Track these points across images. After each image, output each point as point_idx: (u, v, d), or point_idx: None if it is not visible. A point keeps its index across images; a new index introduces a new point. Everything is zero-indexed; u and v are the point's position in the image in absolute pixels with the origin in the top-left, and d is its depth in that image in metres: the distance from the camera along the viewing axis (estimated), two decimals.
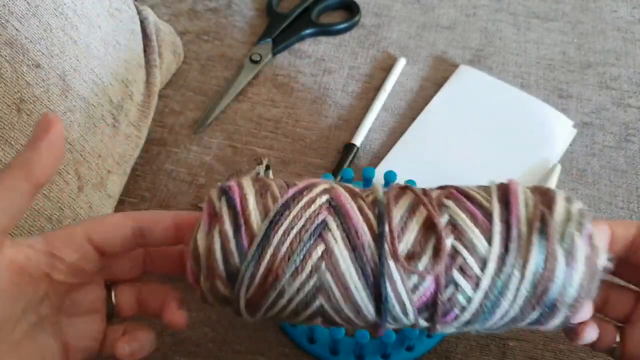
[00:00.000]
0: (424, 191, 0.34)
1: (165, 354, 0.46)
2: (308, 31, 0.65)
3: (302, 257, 0.31)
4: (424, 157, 0.55)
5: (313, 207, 0.32)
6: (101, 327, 0.36)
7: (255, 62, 0.62)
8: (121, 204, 0.53)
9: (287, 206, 0.32)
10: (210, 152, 0.56)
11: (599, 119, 0.59)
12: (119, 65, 0.50)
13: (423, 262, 0.31)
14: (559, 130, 0.57)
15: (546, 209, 0.32)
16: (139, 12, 0.56)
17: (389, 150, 0.56)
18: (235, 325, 0.47)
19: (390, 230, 0.31)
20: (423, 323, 0.33)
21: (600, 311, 0.39)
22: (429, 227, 0.32)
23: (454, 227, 0.32)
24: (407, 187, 0.34)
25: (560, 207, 0.32)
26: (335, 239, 0.31)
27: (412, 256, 0.31)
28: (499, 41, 0.65)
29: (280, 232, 0.31)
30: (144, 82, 0.55)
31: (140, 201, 0.53)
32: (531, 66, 0.63)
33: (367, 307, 0.32)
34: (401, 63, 0.62)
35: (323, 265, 0.31)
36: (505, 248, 0.31)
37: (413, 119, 0.58)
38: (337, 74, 0.62)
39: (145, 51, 0.56)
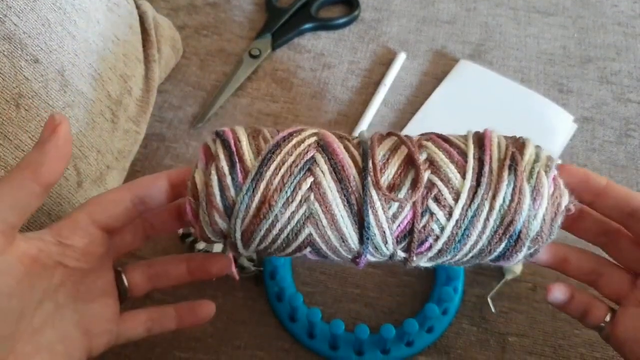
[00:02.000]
0: (406, 136, 0.37)
1: (165, 349, 0.46)
2: (307, 26, 0.64)
3: (292, 188, 0.34)
4: None
5: (302, 146, 0.35)
6: (115, 309, 0.38)
7: (255, 57, 0.62)
8: None
9: (278, 145, 0.35)
10: None
11: (600, 114, 0.59)
12: (117, 60, 0.50)
13: (402, 192, 0.34)
14: (559, 125, 0.57)
15: (517, 150, 0.35)
16: (137, 7, 0.56)
17: None
18: (235, 321, 0.47)
19: (374, 164, 0.34)
20: (400, 253, 0.36)
21: (593, 285, 0.40)
22: (409, 163, 0.35)
23: (431, 163, 0.35)
24: (390, 133, 0.37)
25: (530, 149, 0.36)
26: (322, 172, 0.34)
27: (393, 187, 0.34)
28: (499, 36, 0.65)
29: (272, 167, 0.34)
30: (143, 77, 0.55)
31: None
32: (531, 61, 0.63)
33: (352, 235, 0.35)
34: (401, 58, 0.62)
35: (312, 195, 0.34)
36: (477, 182, 0.34)
37: (413, 113, 0.58)
38: (337, 69, 0.62)
39: (144, 46, 0.56)
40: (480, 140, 0.36)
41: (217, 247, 0.48)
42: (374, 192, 0.34)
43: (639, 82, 0.61)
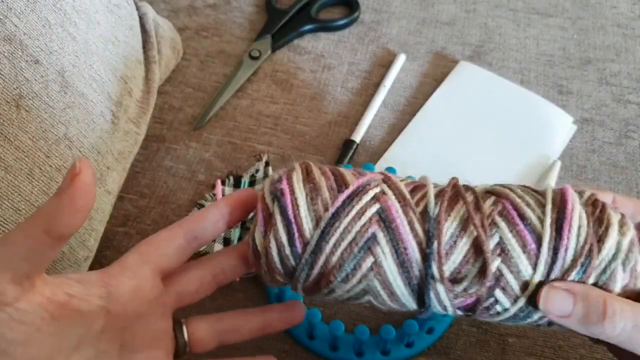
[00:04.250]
0: (477, 203, 0.34)
1: None
2: (307, 27, 0.64)
3: (352, 267, 0.33)
4: (424, 154, 0.55)
5: (363, 220, 0.33)
6: None
7: (255, 59, 0.62)
8: (120, 201, 0.53)
9: (337, 217, 0.33)
10: (209, 149, 0.56)
11: (599, 115, 0.59)
12: (117, 62, 0.50)
13: (466, 284, 0.33)
14: (559, 127, 0.57)
15: (596, 242, 0.32)
16: (137, 8, 0.56)
17: (388, 147, 0.56)
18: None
19: (439, 253, 0.32)
20: (461, 314, 0.35)
21: None
22: (477, 249, 0.33)
23: (502, 250, 0.32)
24: (459, 195, 0.34)
25: (611, 241, 0.32)
26: (384, 253, 0.33)
27: (457, 277, 0.33)
28: (498, 37, 0.65)
29: (331, 243, 0.33)
30: (143, 79, 0.55)
31: (139, 197, 0.53)
32: (531, 62, 0.63)
33: (411, 305, 0.34)
34: (401, 59, 0.62)
35: (371, 274, 0.33)
36: (547, 275, 0.32)
37: (413, 115, 0.58)
38: (337, 70, 0.62)
39: (144, 47, 0.56)
40: (559, 218, 0.33)
41: (217, 247, 0.48)
42: (437, 283, 0.33)
43: (638, 84, 0.61)
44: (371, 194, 0.34)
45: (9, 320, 0.28)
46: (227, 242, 0.49)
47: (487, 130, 0.57)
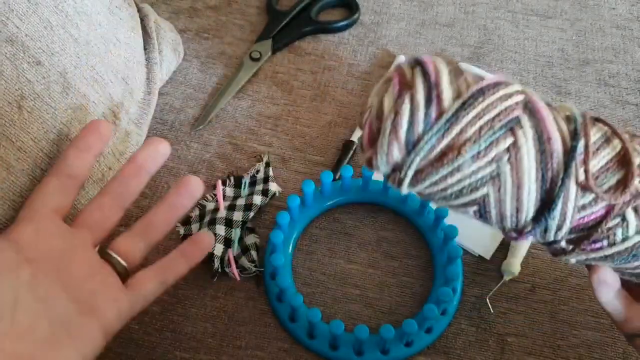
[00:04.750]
0: (614, 129, 0.33)
1: (165, 350, 0.46)
2: (308, 29, 0.65)
3: (488, 143, 0.31)
4: None
5: (509, 102, 0.31)
6: (113, 279, 0.37)
7: (255, 60, 0.62)
8: None
9: (482, 92, 0.31)
10: (210, 149, 0.57)
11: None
12: (119, 63, 0.51)
13: (604, 188, 0.31)
14: None
15: None
16: (139, 10, 0.56)
17: None
18: (235, 321, 0.47)
19: (587, 147, 0.31)
20: (564, 244, 0.33)
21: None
22: (621, 161, 0.31)
23: None
24: (601, 120, 0.33)
25: None
26: (525, 136, 0.31)
27: (597, 180, 0.31)
28: (497, 38, 0.65)
29: (472, 114, 0.30)
30: (145, 80, 0.55)
31: (141, 198, 0.54)
32: (530, 63, 0.63)
33: (529, 211, 0.32)
34: (400, 60, 0.63)
35: (506, 157, 0.31)
36: None
37: None
38: (337, 72, 0.63)
39: (145, 49, 0.56)
40: None
41: (219, 247, 0.48)
42: (573, 178, 0.31)
43: (636, 85, 0.61)
44: (516, 87, 0.32)
45: None
46: (227, 242, 0.49)
47: None
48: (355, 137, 0.56)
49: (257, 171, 0.54)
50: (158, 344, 0.46)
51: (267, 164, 0.55)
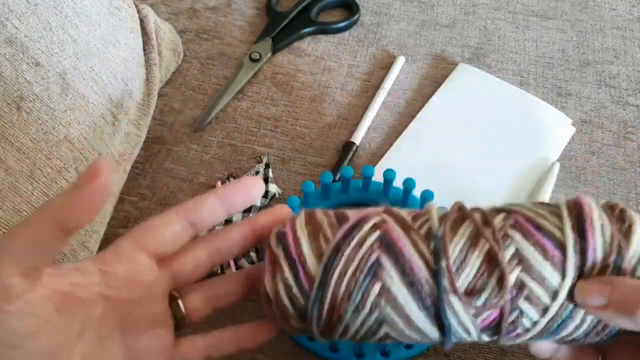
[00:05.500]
0: (485, 219, 0.33)
1: None
2: (307, 30, 0.65)
3: (360, 296, 0.32)
4: (423, 155, 0.55)
5: (364, 247, 0.33)
6: (168, 339, 0.36)
7: (255, 61, 0.62)
8: (121, 202, 0.53)
9: (338, 248, 0.33)
10: (210, 151, 0.57)
11: (598, 117, 0.59)
12: (118, 64, 0.50)
13: (485, 294, 0.31)
14: (558, 129, 0.57)
15: (624, 240, 0.31)
16: (138, 11, 0.56)
17: (388, 149, 0.56)
18: (234, 323, 0.47)
19: (448, 268, 0.31)
20: (486, 339, 0.34)
21: None
22: (492, 261, 0.31)
23: (521, 260, 0.31)
24: (466, 215, 0.33)
25: (637, 237, 0.31)
26: (390, 277, 0.32)
27: (473, 289, 0.31)
28: (498, 39, 0.65)
29: (336, 274, 0.32)
30: (144, 81, 0.55)
31: (140, 199, 0.54)
32: (530, 64, 0.63)
33: (431, 331, 0.33)
34: (400, 61, 0.63)
35: (382, 301, 0.32)
36: (578, 278, 0.31)
37: (412, 117, 0.59)
38: (337, 73, 0.62)
39: (144, 50, 0.56)
40: (579, 223, 0.32)
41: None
42: (452, 298, 0.31)
43: (637, 85, 0.61)
44: (371, 222, 0.34)
45: (20, 314, 0.28)
46: None
47: (486, 132, 0.57)
48: (355, 138, 0.56)
49: (257, 172, 0.54)
50: None
51: (267, 165, 0.55)
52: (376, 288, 0.32)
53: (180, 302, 0.37)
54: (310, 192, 0.48)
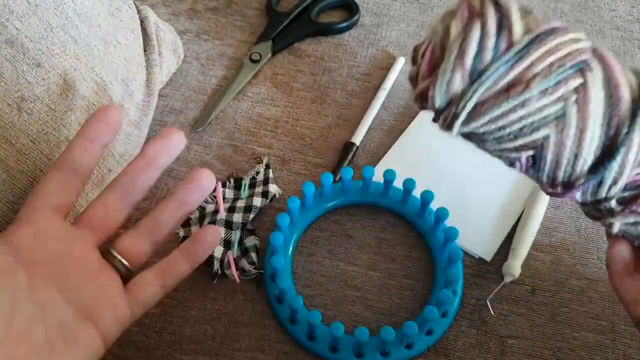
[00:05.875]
0: None
1: (165, 352, 0.46)
2: (308, 30, 0.65)
3: (557, 80, 0.30)
4: (423, 156, 0.56)
5: (579, 44, 0.31)
6: (115, 285, 0.36)
7: (255, 62, 0.62)
8: None
9: (553, 31, 0.31)
10: (210, 151, 0.57)
11: None
12: (119, 65, 0.51)
13: None
14: None
15: None
16: (139, 12, 0.56)
17: (388, 149, 0.56)
18: (235, 323, 0.47)
19: None
20: (613, 204, 0.32)
21: None
22: None
23: None
24: None
25: None
26: (595, 80, 0.30)
27: None
28: None
29: (543, 49, 0.30)
30: (144, 82, 0.55)
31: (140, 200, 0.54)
32: None
33: (587, 159, 0.31)
34: (400, 62, 0.63)
35: (573, 97, 0.30)
36: None
37: (412, 117, 0.59)
38: (337, 73, 0.63)
39: (145, 50, 0.56)
40: None
41: (218, 250, 0.48)
42: (638, 130, 0.30)
43: None
44: (584, 35, 0.32)
45: None
46: (227, 244, 0.49)
47: None
48: (355, 139, 0.56)
49: (257, 173, 0.54)
50: (157, 346, 0.46)
51: (267, 166, 0.55)
52: (577, 81, 0.30)
53: (113, 251, 0.37)
54: (310, 193, 0.48)
